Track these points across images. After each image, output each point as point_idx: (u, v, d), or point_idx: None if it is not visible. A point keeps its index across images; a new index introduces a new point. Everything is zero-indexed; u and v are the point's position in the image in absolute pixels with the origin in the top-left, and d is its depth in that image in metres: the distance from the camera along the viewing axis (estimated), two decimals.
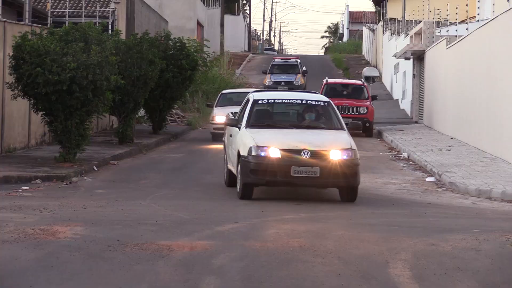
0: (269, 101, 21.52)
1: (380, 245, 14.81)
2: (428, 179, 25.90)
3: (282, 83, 54.92)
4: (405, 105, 55.00)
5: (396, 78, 61.87)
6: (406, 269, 12.93)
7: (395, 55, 56.52)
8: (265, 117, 21.32)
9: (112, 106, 30.86)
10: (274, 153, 19.11)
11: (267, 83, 56.60)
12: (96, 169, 26.04)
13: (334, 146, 19.28)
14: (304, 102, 21.41)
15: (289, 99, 21.81)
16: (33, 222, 16.12)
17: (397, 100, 59.77)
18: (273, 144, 19.27)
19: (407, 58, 51.87)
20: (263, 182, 19.49)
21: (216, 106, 38.64)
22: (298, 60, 61.15)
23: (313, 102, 21.38)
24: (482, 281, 12.28)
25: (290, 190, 21.05)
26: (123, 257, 13.16)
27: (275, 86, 53.86)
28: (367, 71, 57.31)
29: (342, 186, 19.66)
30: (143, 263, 12.75)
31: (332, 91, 40.95)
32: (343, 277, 12.24)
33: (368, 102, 40.74)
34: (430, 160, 28.91)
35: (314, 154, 19.07)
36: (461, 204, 20.97)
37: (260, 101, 21.34)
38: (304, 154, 19.00)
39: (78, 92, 25.37)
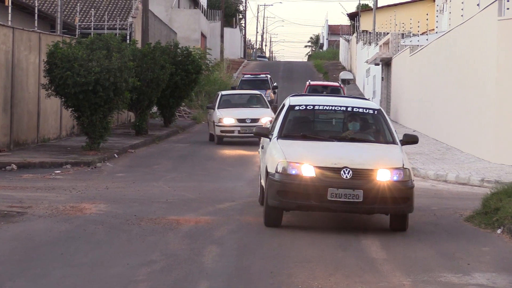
0: (308, 107, 15.21)
1: (354, 220, 14.82)
2: None
3: None
4: (375, 102, 55.01)
5: (367, 80, 61.90)
6: (375, 240, 12.95)
7: (366, 61, 56.59)
8: (302, 126, 15.15)
9: (130, 104, 30.88)
10: (307, 171, 13.25)
11: None
12: (116, 156, 26.03)
13: (382, 164, 13.41)
14: (349, 109, 15.06)
15: (332, 106, 15.31)
16: (64, 200, 16.14)
17: (369, 99, 59.71)
18: (307, 160, 13.41)
19: (376, 64, 51.92)
20: (293, 207, 13.54)
21: (218, 108, 32.87)
22: (268, 76, 50.59)
23: (360, 110, 15.09)
24: (439, 251, 12.30)
25: None
26: (139, 229, 13.17)
27: None
28: (343, 75, 57.38)
29: (391, 213, 13.79)
30: (156, 235, 12.76)
31: (314, 91, 40.97)
32: (322, 246, 12.26)
33: None
34: None
35: (357, 174, 13.21)
36: (422, 186, 20.97)
37: (297, 107, 15.16)
38: (345, 173, 13.18)
39: (101, 92, 25.39)
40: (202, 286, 9.73)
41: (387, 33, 53.71)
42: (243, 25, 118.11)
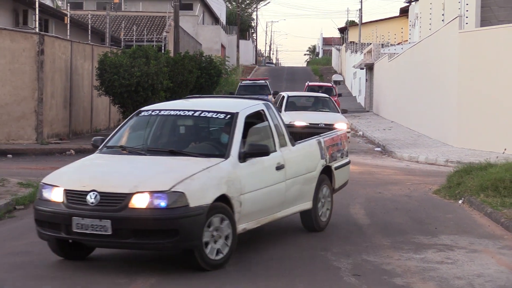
0: (154, 112, 9.84)
1: (343, 193, 14.79)
2: (376, 149, 25.91)
3: None
4: (360, 99, 54.97)
5: (354, 81, 61.81)
6: (361, 209, 12.95)
7: (353, 66, 56.47)
8: (131, 137, 9.77)
9: (164, 101, 30.89)
10: (57, 195, 8.39)
11: None
12: None
13: (145, 186, 8.10)
14: (196, 114, 9.55)
15: (180, 110, 9.77)
16: None
17: (355, 96, 59.69)
18: (63, 181, 8.51)
19: (361, 68, 51.85)
20: (46, 238, 8.61)
21: (286, 110, 24.66)
22: (267, 81, 40.54)
23: (209, 115, 9.51)
24: (412, 217, 12.30)
25: None
26: None
27: None
28: (335, 77, 57.19)
29: (162, 250, 8.35)
30: None
31: (311, 90, 40.76)
32: None
33: (336, 98, 40.49)
34: (377, 136, 28.91)
35: (106, 199, 8.10)
36: (398, 166, 20.99)
37: (144, 113, 9.94)
38: (91, 198, 8.13)
39: (142, 92, 25.46)
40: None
41: (370, 44, 53.61)
42: (255, 37, 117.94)
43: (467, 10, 25.93)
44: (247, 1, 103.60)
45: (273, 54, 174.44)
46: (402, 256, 9.41)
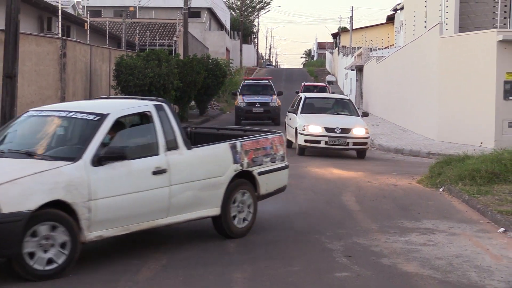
0: (35, 113, 8.61)
1: (337, 182, 14.82)
2: None
3: (257, 104, 31.67)
4: (351, 98, 54.87)
5: (346, 82, 61.72)
6: (352, 196, 12.95)
7: (345, 68, 56.37)
8: (8, 137, 8.42)
9: (175, 99, 30.91)
10: None
11: (239, 104, 32.13)
12: None
13: None
14: (69, 116, 8.20)
15: (57, 111, 8.41)
16: None
17: (347, 95, 59.61)
18: None
19: (352, 70, 51.78)
20: None
21: (302, 113, 21.00)
22: (271, 82, 35.23)
23: (79, 115, 8.12)
24: (398, 204, 12.30)
25: None
26: None
27: (249, 108, 31.85)
28: (328, 78, 57.12)
29: None
30: None
31: (307, 89, 40.75)
32: (315, 202, 12.26)
33: None
34: None
35: None
36: (385, 157, 20.96)
37: (28, 113, 8.68)
38: None
39: (154, 91, 25.45)
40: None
41: (360, 48, 53.54)
42: (256, 42, 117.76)
43: (447, 18, 25.90)
44: (250, 10, 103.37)
45: (272, 57, 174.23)
46: (388, 239, 9.41)
